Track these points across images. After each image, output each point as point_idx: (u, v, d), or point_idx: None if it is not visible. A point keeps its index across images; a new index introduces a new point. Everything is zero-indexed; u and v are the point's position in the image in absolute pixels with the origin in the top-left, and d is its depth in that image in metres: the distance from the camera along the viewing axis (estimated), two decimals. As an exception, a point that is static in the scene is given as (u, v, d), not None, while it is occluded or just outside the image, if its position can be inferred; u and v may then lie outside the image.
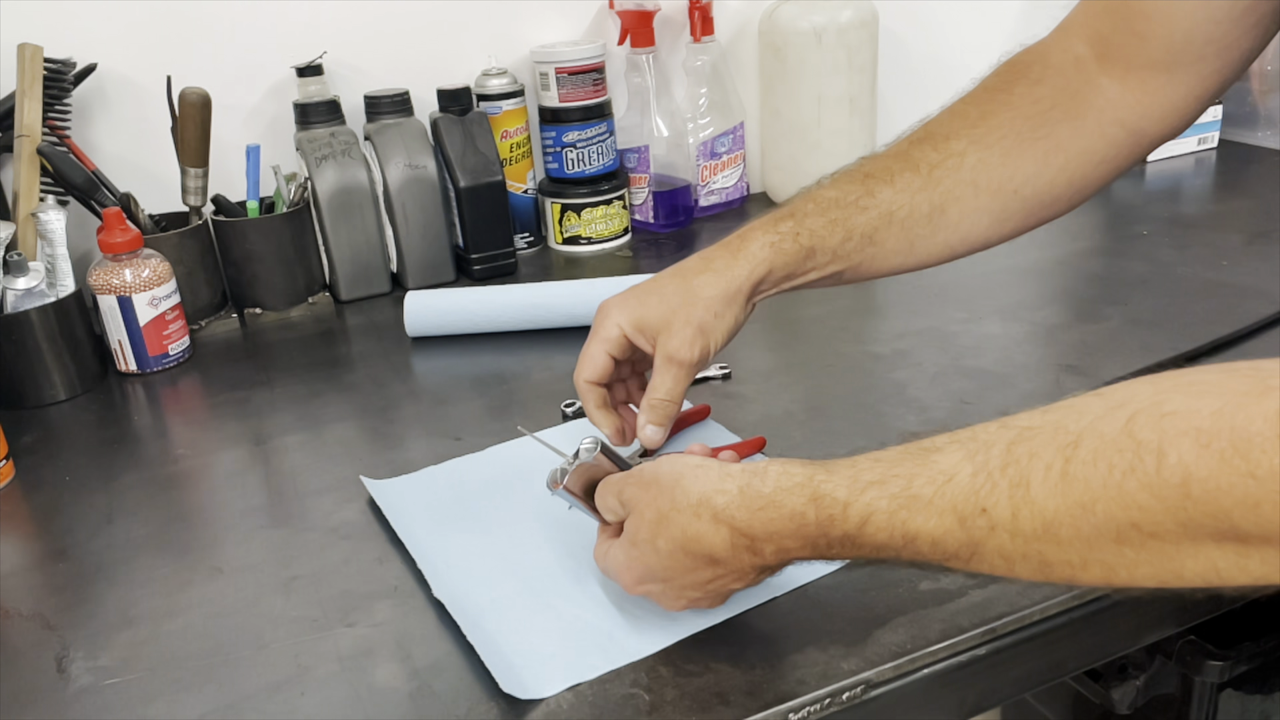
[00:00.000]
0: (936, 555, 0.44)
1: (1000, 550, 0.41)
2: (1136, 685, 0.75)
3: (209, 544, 0.69)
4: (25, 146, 0.96)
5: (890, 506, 0.44)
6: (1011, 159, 0.65)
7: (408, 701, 0.53)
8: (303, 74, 1.09)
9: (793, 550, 0.48)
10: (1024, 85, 0.66)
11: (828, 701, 0.52)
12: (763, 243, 0.64)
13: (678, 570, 0.52)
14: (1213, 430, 0.35)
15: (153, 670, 0.57)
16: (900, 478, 0.44)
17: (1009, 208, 0.67)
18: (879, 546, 0.45)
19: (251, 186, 1.05)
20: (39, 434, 0.86)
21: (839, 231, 0.65)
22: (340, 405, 0.87)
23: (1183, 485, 0.36)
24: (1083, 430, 0.39)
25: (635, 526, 0.53)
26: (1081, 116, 0.66)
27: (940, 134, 0.67)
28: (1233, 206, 1.20)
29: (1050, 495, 0.39)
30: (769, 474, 0.49)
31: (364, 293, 1.10)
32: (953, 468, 0.43)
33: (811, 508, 0.47)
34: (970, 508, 0.42)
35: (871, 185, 0.66)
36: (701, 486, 0.50)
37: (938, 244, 0.67)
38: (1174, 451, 0.36)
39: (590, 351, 0.65)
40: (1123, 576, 0.39)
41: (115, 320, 0.93)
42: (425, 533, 0.66)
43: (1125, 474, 0.37)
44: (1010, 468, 0.41)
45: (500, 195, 1.12)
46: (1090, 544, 0.39)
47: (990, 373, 0.83)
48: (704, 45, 1.24)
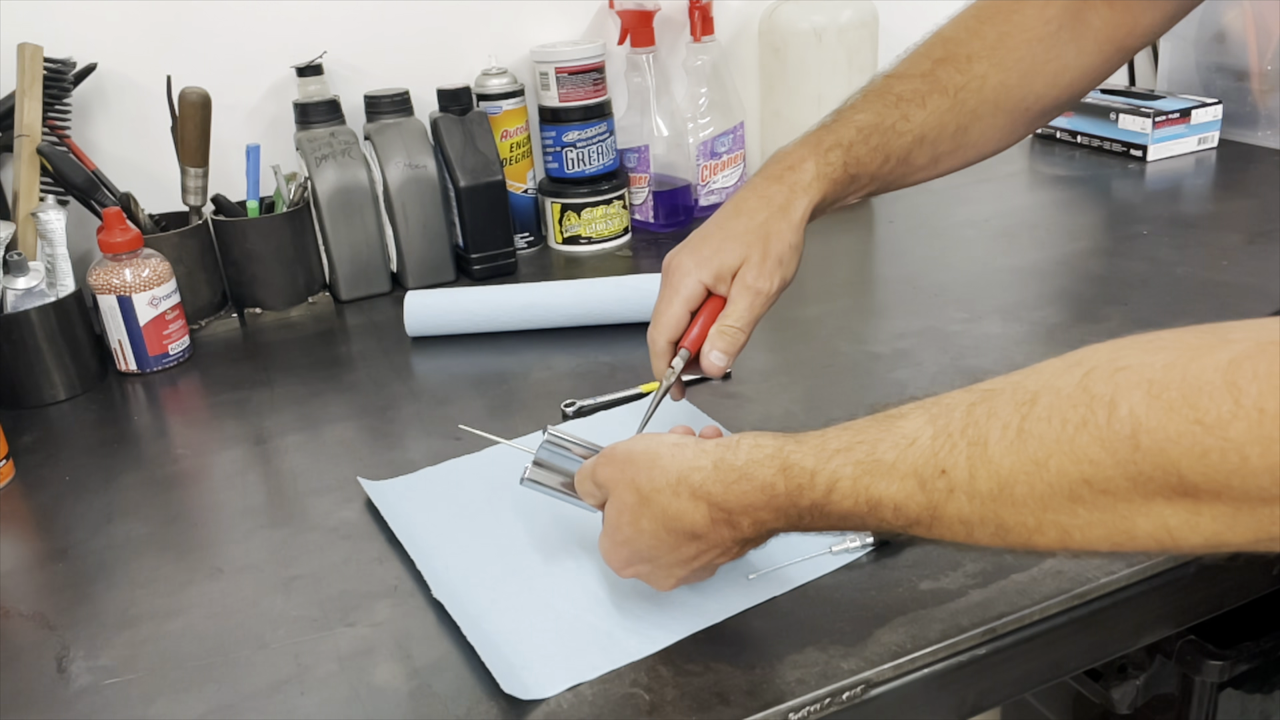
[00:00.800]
0: (900, 521, 0.44)
1: (959, 514, 0.41)
2: (1136, 685, 0.75)
3: (209, 544, 0.69)
4: (25, 146, 0.96)
5: (855, 473, 0.44)
6: (1027, 80, 0.70)
7: (407, 701, 0.53)
8: (303, 74, 1.09)
9: (768, 522, 0.49)
10: (1035, 6, 0.69)
11: (828, 701, 0.52)
12: (815, 174, 0.66)
13: (662, 549, 0.52)
14: (1164, 381, 0.35)
15: (153, 670, 0.57)
16: (865, 444, 0.45)
17: (1020, 122, 0.73)
18: (845, 514, 0.45)
19: (251, 186, 1.05)
20: (39, 434, 0.86)
21: (879, 156, 0.68)
22: (340, 405, 0.87)
23: (1132, 437, 0.36)
24: (1040, 388, 0.39)
25: (616, 510, 0.53)
26: (1083, 38, 0.70)
27: (963, 55, 0.69)
28: (1233, 206, 1.20)
29: (1006, 453, 0.39)
30: (741, 447, 0.49)
31: (364, 292, 1.10)
32: (915, 431, 0.43)
33: (781, 478, 0.47)
34: (930, 470, 0.42)
35: (906, 109, 0.68)
36: (679, 464, 0.50)
37: (958, 159, 0.72)
38: (1125, 403, 0.36)
39: (673, 310, 0.65)
40: (1076, 539, 0.39)
41: (115, 320, 0.93)
42: (424, 533, 0.66)
43: (1078, 428, 0.37)
44: (970, 429, 0.41)
45: (500, 195, 1.12)
46: (1044, 503, 0.39)
47: (990, 372, 0.82)
48: (704, 45, 1.24)
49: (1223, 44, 1.42)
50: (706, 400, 0.81)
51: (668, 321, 0.65)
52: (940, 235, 1.18)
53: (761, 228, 0.65)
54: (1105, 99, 1.43)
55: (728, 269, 0.65)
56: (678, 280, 0.65)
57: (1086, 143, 1.46)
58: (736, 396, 0.82)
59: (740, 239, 0.65)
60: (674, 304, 0.65)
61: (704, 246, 0.66)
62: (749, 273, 0.64)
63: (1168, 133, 1.37)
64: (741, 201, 0.67)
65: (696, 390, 0.84)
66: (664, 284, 0.66)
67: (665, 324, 0.65)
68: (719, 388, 0.84)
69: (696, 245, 0.66)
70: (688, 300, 0.65)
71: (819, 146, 0.67)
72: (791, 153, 0.67)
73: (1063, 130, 1.49)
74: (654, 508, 0.51)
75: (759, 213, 0.65)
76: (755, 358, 0.90)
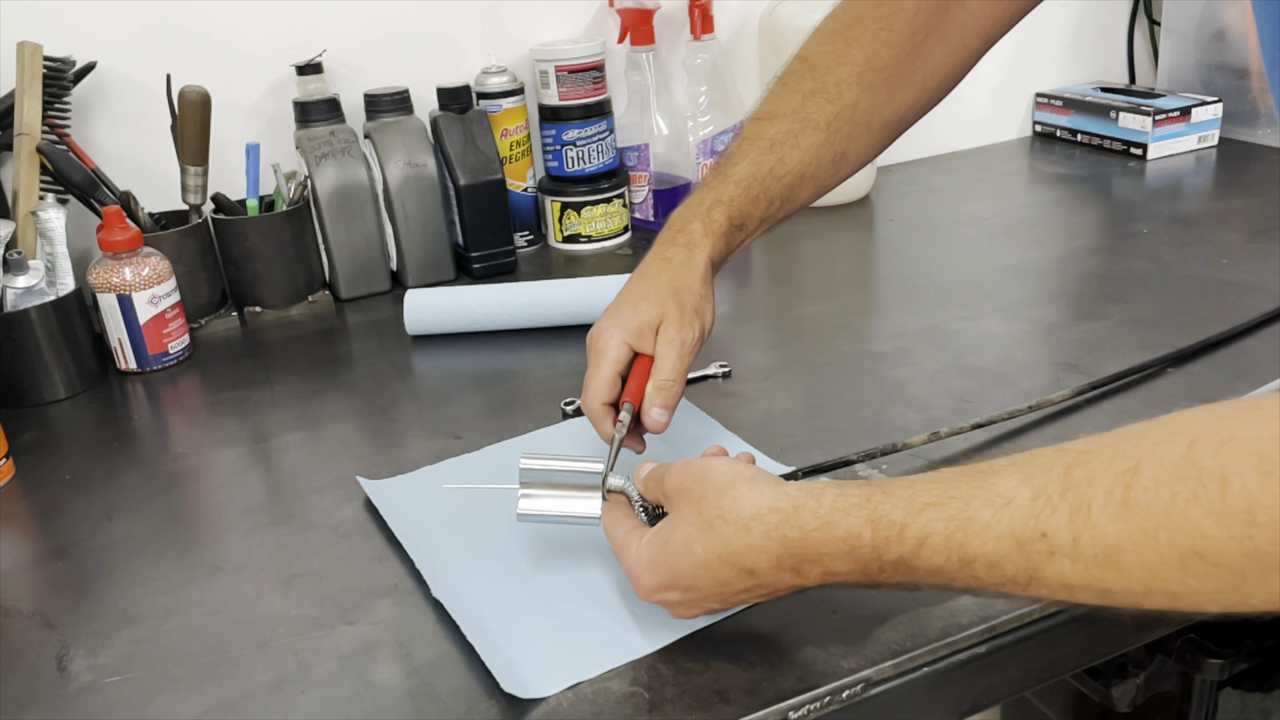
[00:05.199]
0: (994, 579, 0.43)
1: (1061, 576, 0.41)
2: (1136, 683, 0.75)
3: (209, 542, 0.69)
4: (25, 145, 0.96)
5: (947, 529, 0.43)
6: (896, 94, 0.72)
7: (408, 700, 0.53)
8: (302, 72, 1.09)
9: (839, 574, 0.47)
10: (902, 19, 0.71)
11: (827, 700, 0.52)
12: (703, 231, 0.69)
13: (709, 580, 0.50)
14: (1274, 456, 0.35)
15: (153, 668, 0.57)
16: (957, 499, 0.44)
17: (893, 133, 0.76)
18: (935, 570, 0.44)
19: (251, 185, 1.05)
20: (39, 432, 0.86)
21: (761, 203, 0.70)
22: (340, 404, 0.87)
23: (1247, 512, 0.36)
24: (1142, 456, 0.39)
25: (673, 527, 0.52)
26: (950, 38, 0.72)
27: (831, 84, 0.71)
28: (1233, 205, 1.20)
29: (1112, 521, 0.39)
30: (825, 494, 0.48)
31: (364, 291, 1.10)
32: (1011, 490, 0.42)
33: (868, 529, 0.46)
34: (1029, 532, 0.41)
35: (781, 153, 0.70)
36: (755, 501, 0.49)
37: (839, 178, 0.75)
38: (1237, 478, 0.36)
39: (601, 374, 0.65)
40: (1186, 603, 0.39)
41: (115, 319, 0.93)
42: (423, 533, 0.66)
43: (1188, 501, 0.37)
44: (1070, 492, 0.40)
45: (500, 193, 1.12)
46: (1153, 572, 0.38)
47: (990, 371, 0.83)
48: (704, 43, 1.24)
49: (1223, 42, 1.42)
50: (707, 399, 0.81)
51: (598, 386, 0.65)
52: (940, 234, 1.18)
53: (669, 285, 0.67)
54: (1105, 97, 1.43)
55: (648, 325, 0.66)
56: (602, 345, 0.66)
57: (1086, 141, 1.46)
58: (736, 395, 0.82)
59: (652, 297, 0.66)
60: (602, 367, 0.65)
61: (620, 311, 0.67)
62: (670, 327, 0.65)
63: (1168, 131, 1.37)
64: (645, 268, 0.69)
65: (697, 390, 0.84)
66: (590, 355, 0.67)
67: (596, 389, 0.65)
68: (719, 386, 0.84)
69: (613, 312, 0.67)
70: (615, 362, 0.65)
71: (701, 206, 0.69)
72: (679, 216, 0.70)
73: (1063, 129, 1.49)
74: (716, 537, 0.49)
75: (663, 273, 0.67)
76: (755, 356, 0.90)
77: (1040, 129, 1.53)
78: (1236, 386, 0.75)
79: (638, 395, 0.65)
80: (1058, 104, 1.49)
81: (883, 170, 1.40)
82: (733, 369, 0.86)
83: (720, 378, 0.85)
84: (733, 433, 0.75)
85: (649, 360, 0.66)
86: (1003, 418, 0.73)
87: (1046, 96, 1.51)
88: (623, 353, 0.65)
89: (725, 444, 0.74)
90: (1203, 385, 0.77)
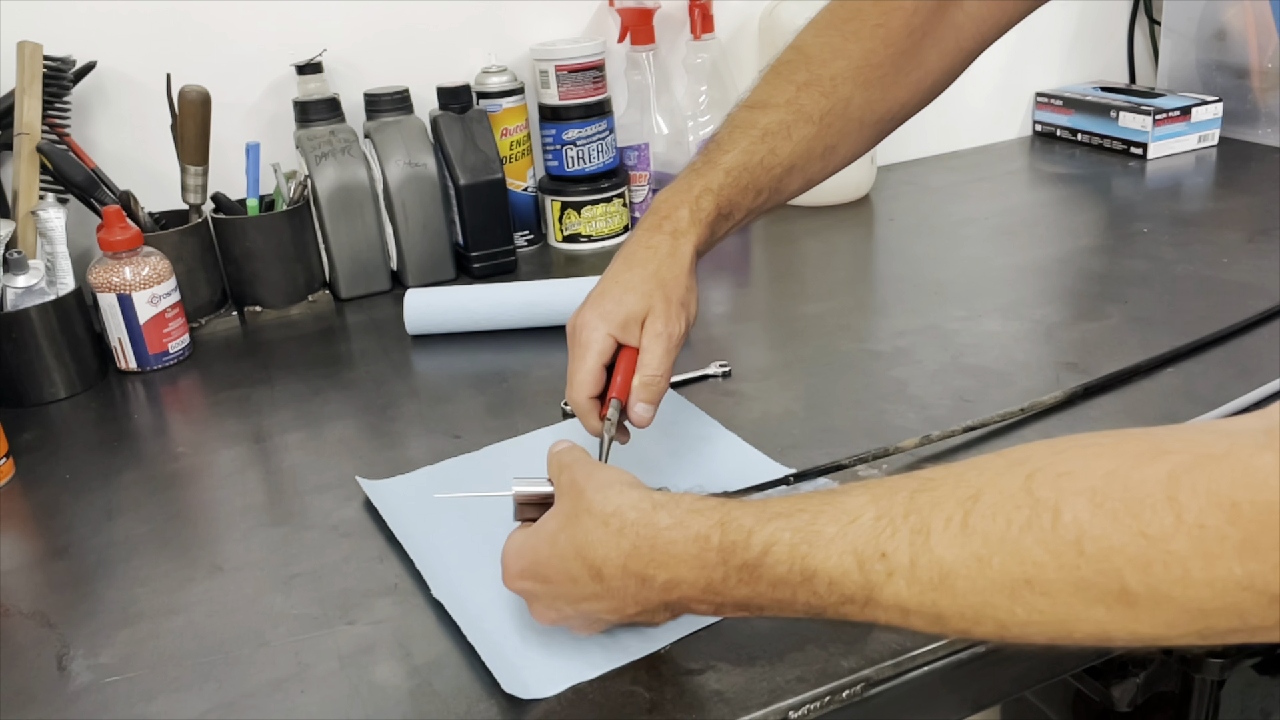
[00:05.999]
0: (833, 598, 0.43)
1: (897, 597, 0.41)
2: (1137, 682, 0.75)
3: (209, 542, 0.69)
4: (25, 144, 0.96)
5: (793, 539, 0.44)
6: (891, 92, 0.72)
7: (408, 699, 0.53)
8: (302, 71, 1.09)
9: (684, 583, 0.47)
10: (900, 17, 0.70)
11: (827, 699, 0.52)
12: (690, 219, 0.68)
13: (561, 574, 0.50)
14: (1106, 490, 0.36)
15: (153, 668, 0.57)
16: (806, 513, 0.44)
17: (884, 131, 0.76)
18: (777, 581, 0.44)
19: (251, 184, 1.05)
20: (39, 432, 0.86)
21: (750, 192, 0.70)
22: (340, 403, 0.87)
23: (1077, 542, 0.36)
24: (984, 484, 0.40)
25: (548, 516, 0.52)
26: (946, 39, 0.72)
27: (826, 78, 0.70)
28: (1233, 204, 1.20)
29: (949, 545, 0.39)
30: (685, 499, 0.48)
31: (364, 290, 1.10)
32: (858, 509, 0.43)
33: (717, 531, 0.46)
34: (870, 550, 0.42)
35: (773, 143, 0.69)
36: (620, 499, 0.49)
37: (827, 174, 0.74)
38: (1069, 510, 0.37)
39: (586, 367, 0.64)
40: (1014, 633, 0.39)
41: (115, 318, 0.93)
42: (423, 533, 0.66)
43: (1022, 529, 0.38)
44: (913, 515, 0.41)
45: (500, 193, 1.12)
46: (985, 598, 0.39)
47: (990, 370, 0.83)
48: (704, 43, 1.24)
49: (1223, 42, 1.42)
50: (707, 399, 0.81)
51: (584, 379, 0.64)
52: (940, 233, 1.18)
53: (655, 276, 0.66)
54: (1106, 97, 1.43)
55: (634, 318, 0.65)
56: (586, 337, 0.65)
57: (1087, 140, 1.46)
58: (736, 394, 0.82)
59: (637, 289, 0.65)
60: (587, 360, 0.64)
61: (604, 301, 0.65)
62: (657, 320, 0.65)
63: (1168, 130, 1.37)
64: (629, 255, 0.67)
65: (697, 389, 0.84)
66: (572, 345, 0.66)
67: (582, 382, 0.64)
68: (719, 386, 0.84)
69: (596, 301, 0.66)
70: (600, 355, 0.64)
71: (690, 193, 0.68)
72: (666, 200, 0.69)
73: (1063, 128, 1.49)
74: (577, 528, 0.49)
75: (649, 263, 0.66)
76: (755, 356, 0.90)
77: (1040, 128, 1.53)
78: (1236, 385, 0.75)
79: (625, 391, 0.64)
80: (1058, 103, 1.49)
81: (883, 170, 1.40)
82: (733, 369, 0.86)
83: (720, 377, 0.85)
84: (733, 432, 0.75)
85: (634, 353, 0.65)
86: (995, 420, 0.73)
87: (1047, 96, 1.51)
88: (607, 345, 0.64)
89: (725, 444, 0.74)
90: (1202, 384, 0.77)
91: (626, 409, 0.65)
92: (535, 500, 0.55)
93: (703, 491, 0.58)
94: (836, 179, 0.78)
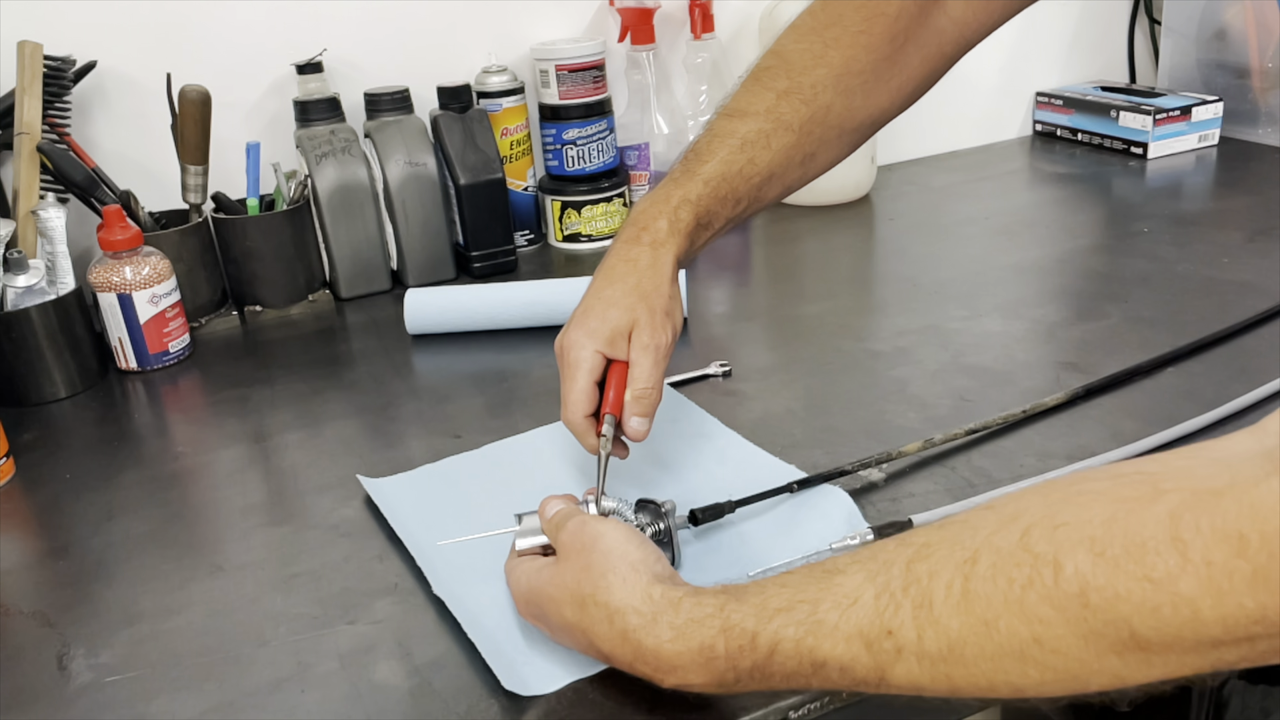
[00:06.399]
0: (846, 682, 0.43)
1: (909, 676, 0.41)
2: (1136, 682, 0.75)
3: (209, 541, 0.69)
4: (25, 144, 0.96)
5: (798, 634, 0.43)
6: (871, 99, 0.72)
7: (408, 699, 0.53)
8: (303, 71, 1.09)
9: (694, 685, 0.47)
10: (882, 22, 0.69)
11: (827, 699, 0.52)
12: (669, 230, 0.67)
13: (570, 641, 0.52)
14: (1106, 538, 0.36)
15: (153, 667, 0.57)
16: (806, 603, 0.43)
17: (864, 138, 0.75)
18: (789, 675, 0.44)
19: (251, 184, 1.05)
20: (39, 432, 0.86)
21: (729, 202, 0.69)
22: (340, 403, 0.87)
23: (1081, 594, 0.36)
24: (979, 545, 0.39)
25: (559, 576, 0.52)
26: (928, 44, 0.72)
27: (807, 85, 0.70)
28: (1233, 204, 1.20)
29: (954, 614, 0.39)
30: (682, 606, 0.47)
31: (364, 290, 1.10)
32: (856, 590, 0.42)
33: (721, 639, 0.45)
34: (876, 630, 0.41)
35: (752, 153, 0.69)
36: (623, 597, 0.48)
37: (806, 180, 0.74)
38: (1070, 562, 0.36)
39: (579, 387, 0.64)
40: (1031, 692, 0.39)
41: (115, 318, 0.93)
42: (424, 531, 0.66)
43: (1024, 588, 0.37)
44: (912, 587, 0.40)
45: (500, 193, 1.12)
46: (996, 664, 0.38)
47: (991, 370, 0.83)
48: (704, 42, 1.24)
49: (1223, 41, 1.42)
50: (707, 399, 0.81)
51: (577, 399, 0.64)
52: (940, 233, 1.18)
53: (637, 289, 0.65)
54: (1106, 96, 1.43)
55: (620, 332, 0.64)
56: (575, 356, 0.64)
57: (1087, 140, 1.46)
58: (736, 395, 0.82)
59: (621, 303, 0.65)
60: (578, 379, 0.64)
61: (589, 319, 0.65)
62: (643, 333, 0.64)
63: (1168, 130, 1.37)
64: (610, 269, 0.67)
65: (697, 389, 0.84)
66: (562, 365, 0.65)
67: (575, 402, 0.64)
68: (719, 386, 0.84)
69: (581, 319, 0.65)
70: (591, 372, 0.64)
71: (668, 204, 0.68)
72: (644, 212, 0.68)
73: (1063, 128, 1.49)
74: (585, 615, 0.49)
75: (629, 276, 0.66)
76: (755, 356, 0.90)
77: (1041, 128, 1.53)
78: (1236, 385, 0.75)
79: (619, 407, 0.64)
80: (1058, 103, 1.49)
81: (883, 169, 1.40)
82: (733, 368, 0.86)
83: (720, 377, 0.85)
84: (733, 430, 0.75)
85: (624, 367, 0.65)
86: (997, 423, 0.73)
87: (1047, 95, 1.51)
88: (597, 362, 0.64)
89: (725, 443, 0.74)
90: (1202, 384, 0.77)
91: (621, 424, 0.64)
92: (537, 551, 0.57)
93: (680, 518, 0.59)
94: (837, 179, 0.78)
